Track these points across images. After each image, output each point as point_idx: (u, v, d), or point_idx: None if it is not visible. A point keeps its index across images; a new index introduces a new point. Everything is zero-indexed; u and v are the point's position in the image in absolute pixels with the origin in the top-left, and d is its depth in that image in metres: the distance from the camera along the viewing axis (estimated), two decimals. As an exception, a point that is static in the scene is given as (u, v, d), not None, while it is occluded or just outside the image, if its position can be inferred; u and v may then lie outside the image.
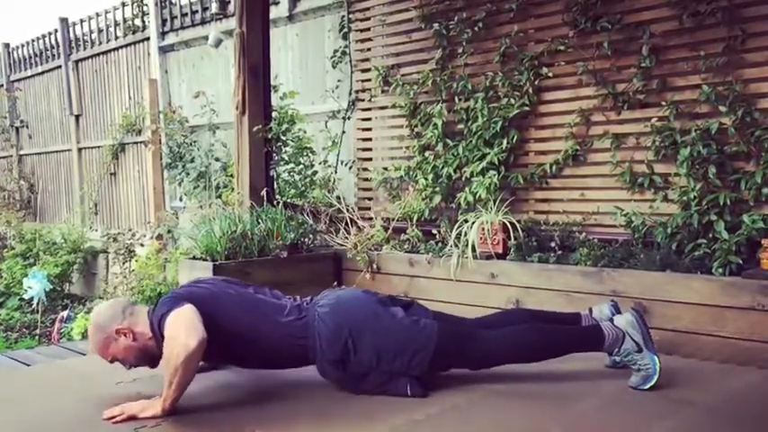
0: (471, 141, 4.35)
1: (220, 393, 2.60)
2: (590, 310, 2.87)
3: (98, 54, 8.37)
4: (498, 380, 2.71)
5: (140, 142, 7.65)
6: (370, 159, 5.16)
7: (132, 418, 2.33)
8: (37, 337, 5.84)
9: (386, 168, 4.92)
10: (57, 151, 9.38)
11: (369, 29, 5.17)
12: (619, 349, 2.60)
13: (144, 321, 2.54)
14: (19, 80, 10.05)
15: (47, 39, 9.24)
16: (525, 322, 2.75)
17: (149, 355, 2.56)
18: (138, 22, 7.77)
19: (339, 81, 5.43)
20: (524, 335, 2.66)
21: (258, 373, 2.89)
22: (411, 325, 2.58)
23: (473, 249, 3.94)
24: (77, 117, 8.84)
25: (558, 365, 2.80)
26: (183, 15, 7.15)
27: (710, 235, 3.39)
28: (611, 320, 2.70)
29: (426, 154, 4.62)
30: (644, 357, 2.56)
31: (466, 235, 3.99)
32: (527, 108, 4.16)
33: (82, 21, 8.57)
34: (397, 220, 4.61)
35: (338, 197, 4.88)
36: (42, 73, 9.47)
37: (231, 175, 5.63)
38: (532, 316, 2.85)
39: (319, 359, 2.58)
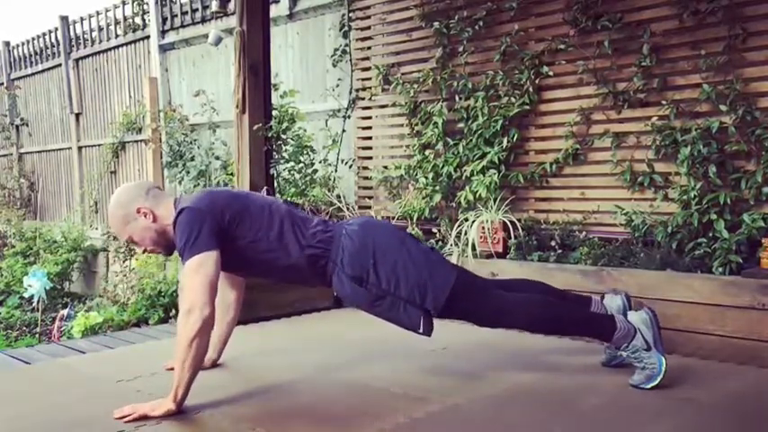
0: (471, 140, 4.35)
1: (220, 393, 2.60)
2: (602, 297, 2.86)
3: (98, 52, 8.37)
4: (499, 379, 2.72)
5: (141, 141, 7.65)
6: (371, 158, 5.16)
7: (144, 417, 2.31)
8: (37, 336, 5.84)
9: (386, 167, 4.92)
10: (57, 149, 9.38)
11: (369, 27, 5.17)
12: (627, 344, 2.59)
13: (167, 207, 2.50)
14: (19, 78, 10.05)
15: (47, 37, 9.24)
16: (542, 293, 2.75)
17: (166, 240, 2.53)
18: (138, 20, 7.77)
19: (339, 80, 5.43)
20: (538, 304, 2.65)
21: (257, 371, 2.90)
22: (435, 261, 2.57)
23: (473, 248, 3.94)
24: (78, 115, 8.84)
25: (558, 362, 2.80)
26: (184, 14, 7.15)
27: (711, 234, 3.39)
28: (625, 315, 2.69)
29: (426, 153, 4.62)
30: (651, 356, 2.55)
31: (466, 234, 3.99)
32: (527, 107, 4.16)
33: (82, 19, 8.57)
34: (398, 219, 4.61)
35: (338, 196, 4.88)
36: (43, 71, 9.47)
37: (231, 174, 5.62)
38: (547, 289, 2.83)
39: (338, 273, 2.53)
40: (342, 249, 2.52)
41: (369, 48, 5.18)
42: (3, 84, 10.27)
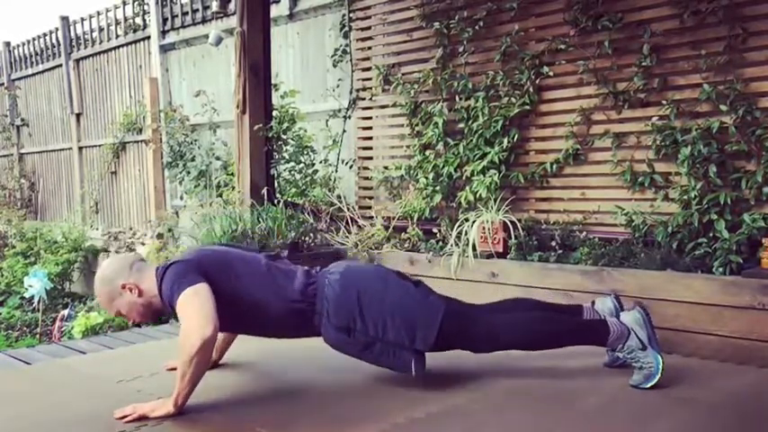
0: (472, 140, 4.35)
1: (220, 393, 2.61)
2: (592, 303, 2.87)
3: (99, 53, 8.38)
4: (499, 379, 2.72)
5: (141, 141, 7.66)
6: (371, 158, 5.16)
7: (143, 417, 2.32)
8: (38, 336, 5.85)
9: (386, 167, 4.92)
10: (57, 150, 9.39)
11: (369, 27, 5.17)
12: (623, 345, 2.60)
13: (150, 278, 2.52)
14: (20, 78, 10.05)
15: (48, 37, 9.24)
16: (531, 310, 2.75)
17: (153, 311, 2.56)
18: (138, 20, 7.78)
19: (340, 80, 5.43)
20: (530, 322, 2.67)
21: (258, 372, 2.90)
22: (420, 299, 2.59)
23: (474, 248, 3.94)
24: (78, 116, 8.85)
25: (558, 364, 2.80)
26: (184, 14, 7.15)
27: (711, 234, 3.38)
28: (618, 316, 2.70)
29: (427, 153, 4.61)
30: (647, 356, 2.57)
31: (466, 234, 3.99)
32: (528, 107, 4.16)
33: (83, 19, 8.57)
34: (398, 219, 4.61)
35: (339, 196, 4.88)
36: (43, 71, 9.47)
37: (232, 174, 5.63)
38: (536, 305, 2.85)
39: (325, 325, 2.55)
40: (326, 300, 2.54)
41: (369, 48, 5.17)
42: (3, 84, 10.27)
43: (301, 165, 5.10)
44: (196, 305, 2.31)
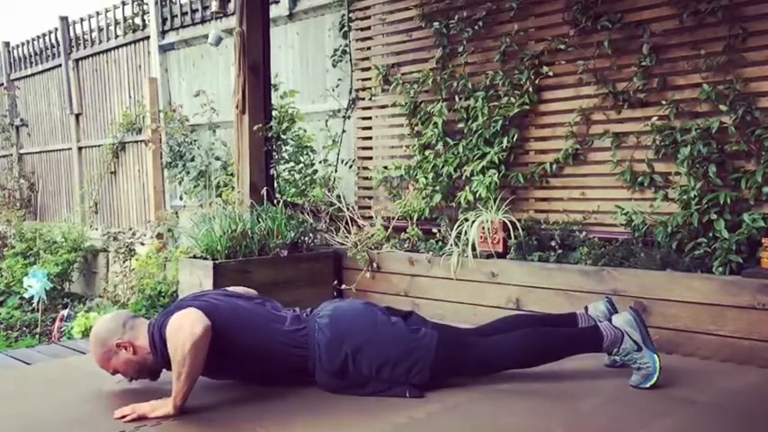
0: (471, 140, 4.35)
1: (220, 393, 2.61)
2: (585, 309, 2.88)
3: (98, 53, 8.37)
4: (500, 379, 2.72)
5: (140, 141, 7.65)
6: (371, 158, 5.16)
7: (143, 417, 2.33)
8: (37, 336, 5.85)
9: (386, 167, 4.92)
10: (57, 150, 9.38)
11: (369, 27, 5.17)
12: (618, 349, 2.61)
13: (144, 335, 2.54)
14: (19, 79, 10.05)
15: (47, 37, 9.24)
16: (522, 328, 2.76)
17: (149, 369, 2.58)
18: (138, 20, 7.77)
19: (339, 80, 5.43)
20: (522, 341, 2.67)
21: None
22: (410, 334, 2.59)
23: (473, 248, 3.94)
24: (77, 116, 8.85)
25: (558, 365, 2.80)
26: (184, 14, 7.15)
27: (711, 234, 3.38)
28: (610, 320, 2.70)
29: (426, 153, 4.61)
30: (643, 356, 2.57)
31: (466, 234, 3.99)
32: (527, 107, 4.16)
33: (82, 19, 8.57)
34: (398, 219, 4.61)
35: (338, 196, 4.88)
36: (42, 72, 9.47)
37: (231, 174, 5.63)
38: (529, 321, 2.87)
39: (318, 370, 2.58)
40: (318, 346, 2.56)
41: (369, 48, 5.17)
42: (3, 84, 10.26)
43: (301, 165, 5.10)
44: (185, 314, 2.37)
